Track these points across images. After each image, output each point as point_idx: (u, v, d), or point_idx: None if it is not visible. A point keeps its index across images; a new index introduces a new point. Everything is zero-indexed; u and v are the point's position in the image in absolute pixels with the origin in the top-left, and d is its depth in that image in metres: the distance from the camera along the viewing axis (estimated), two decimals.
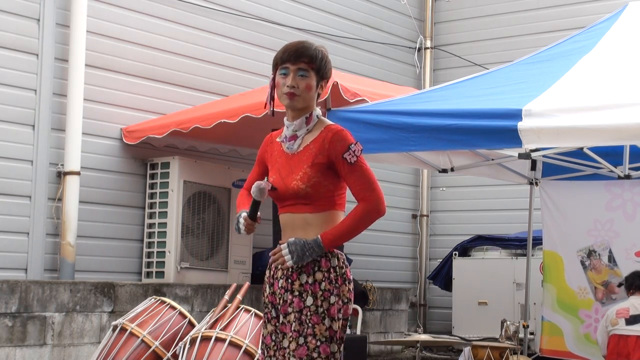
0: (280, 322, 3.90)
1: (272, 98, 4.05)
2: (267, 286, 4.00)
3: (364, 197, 3.85)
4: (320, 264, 3.87)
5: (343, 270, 3.90)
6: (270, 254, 3.95)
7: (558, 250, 9.04)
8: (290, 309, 3.86)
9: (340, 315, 3.86)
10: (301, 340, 3.81)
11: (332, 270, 3.88)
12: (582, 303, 8.92)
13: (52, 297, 7.66)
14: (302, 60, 3.90)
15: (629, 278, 7.86)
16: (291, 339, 3.83)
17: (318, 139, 3.92)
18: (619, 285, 8.30)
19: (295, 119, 3.96)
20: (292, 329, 3.83)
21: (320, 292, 3.84)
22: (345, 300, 3.88)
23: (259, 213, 3.98)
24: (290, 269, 3.89)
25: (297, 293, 3.86)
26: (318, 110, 4.00)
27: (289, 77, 3.90)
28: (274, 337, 3.95)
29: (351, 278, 3.94)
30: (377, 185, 3.89)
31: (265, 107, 4.10)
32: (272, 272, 3.98)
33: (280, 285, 3.92)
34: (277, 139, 4.08)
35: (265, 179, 3.99)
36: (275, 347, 3.93)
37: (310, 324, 3.81)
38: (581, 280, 8.93)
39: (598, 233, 8.88)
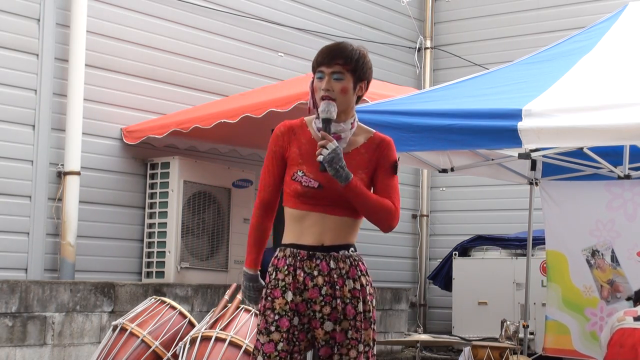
0: (331, 329, 3.76)
1: (313, 103, 3.88)
2: (290, 292, 3.77)
3: (392, 202, 3.88)
4: (360, 268, 3.82)
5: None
6: (322, 134, 3.73)
7: (562, 250, 9.03)
8: (342, 316, 3.76)
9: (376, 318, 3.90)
10: (361, 347, 3.78)
11: (368, 272, 3.87)
12: (588, 301, 8.92)
13: (52, 297, 7.66)
14: (336, 63, 3.81)
15: (638, 292, 7.88)
16: (350, 346, 3.76)
17: (369, 145, 3.88)
18: (628, 299, 8.30)
19: (339, 121, 3.82)
20: (349, 336, 3.76)
21: (368, 297, 3.81)
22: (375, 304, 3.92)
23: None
24: (333, 275, 3.76)
25: (348, 300, 3.77)
26: (357, 116, 3.91)
27: (324, 81, 3.81)
28: (281, 347, 3.75)
29: None
30: (399, 203, 3.92)
31: (309, 112, 3.93)
32: (302, 279, 3.77)
33: (324, 293, 3.76)
34: (309, 129, 3.87)
35: (300, 172, 3.80)
36: (279, 357, 3.74)
37: (362, 330, 3.78)
38: (587, 279, 8.93)
39: (600, 233, 8.87)
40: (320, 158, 3.69)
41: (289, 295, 3.77)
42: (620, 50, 7.06)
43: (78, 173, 8.47)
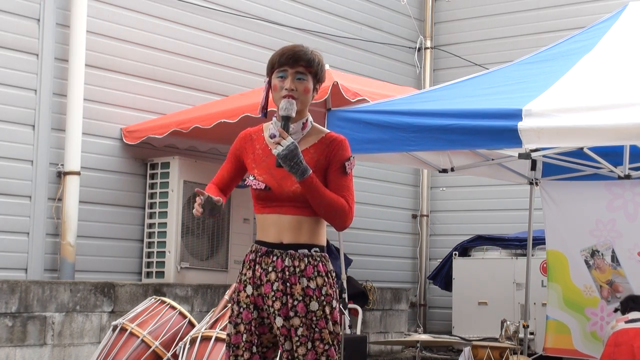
0: (281, 324, 3.84)
1: (267, 101, 4.02)
2: (250, 286, 3.91)
3: (346, 201, 3.85)
4: (319, 269, 3.86)
5: (334, 274, 3.93)
6: (278, 130, 3.80)
7: (562, 250, 9.05)
8: (292, 313, 3.82)
9: (338, 319, 3.90)
10: (309, 345, 3.81)
11: (329, 274, 3.89)
12: (588, 301, 8.94)
13: (52, 297, 7.66)
14: (300, 64, 3.89)
15: (623, 303, 7.95)
16: (299, 343, 3.81)
17: (319, 145, 3.91)
18: (615, 310, 8.33)
19: (293, 121, 3.90)
20: (299, 333, 3.81)
21: (323, 297, 3.84)
22: (338, 304, 3.93)
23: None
24: (286, 272, 3.83)
25: (299, 297, 3.82)
26: (311, 117, 4.00)
27: (287, 80, 3.89)
28: (245, 338, 3.90)
29: None
30: (353, 203, 3.89)
31: (260, 111, 4.06)
32: (258, 274, 3.89)
33: (275, 288, 3.85)
34: (264, 134, 4.00)
35: (251, 177, 3.94)
36: (244, 348, 3.89)
37: (317, 329, 3.82)
38: (586, 279, 8.95)
39: (600, 233, 8.88)
40: (274, 151, 3.78)
41: (249, 289, 3.92)
42: (620, 50, 7.07)
43: (78, 173, 8.47)
